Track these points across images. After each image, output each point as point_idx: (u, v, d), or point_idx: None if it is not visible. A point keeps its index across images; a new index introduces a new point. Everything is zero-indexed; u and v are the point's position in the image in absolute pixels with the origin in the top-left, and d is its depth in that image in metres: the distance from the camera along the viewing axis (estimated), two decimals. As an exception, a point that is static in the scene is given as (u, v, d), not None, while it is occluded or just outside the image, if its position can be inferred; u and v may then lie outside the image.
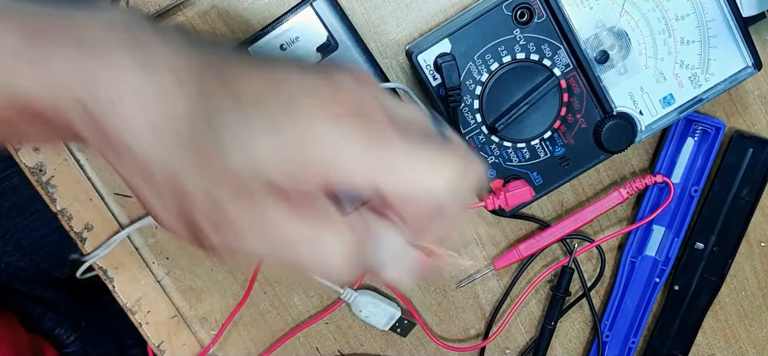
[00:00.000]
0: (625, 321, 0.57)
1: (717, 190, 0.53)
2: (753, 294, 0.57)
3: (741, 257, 0.56)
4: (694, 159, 0.52)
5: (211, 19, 0.47)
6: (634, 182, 0.52)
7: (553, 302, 0.56)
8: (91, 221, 0.51)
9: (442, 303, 0.56)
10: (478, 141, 0.49)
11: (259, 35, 0.46)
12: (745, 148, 0.52)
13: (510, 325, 0.57)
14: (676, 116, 0.48)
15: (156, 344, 0.54)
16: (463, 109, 0.48)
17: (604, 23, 0.46)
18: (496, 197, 0.49)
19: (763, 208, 0.55)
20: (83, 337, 0.78)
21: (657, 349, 0.57)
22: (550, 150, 0.49)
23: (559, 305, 0.55)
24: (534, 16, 0.46)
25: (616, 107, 0.48)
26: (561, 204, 0.54)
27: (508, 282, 0.56)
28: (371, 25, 0.49)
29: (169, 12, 0.47)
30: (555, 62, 0.47)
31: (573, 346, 0.58)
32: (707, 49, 0.47)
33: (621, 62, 0.47)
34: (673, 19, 0.46)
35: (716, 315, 0.57)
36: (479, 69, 0.47)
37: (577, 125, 0.49)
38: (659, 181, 0.52)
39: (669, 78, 0.47)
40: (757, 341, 0.58)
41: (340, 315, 0.55)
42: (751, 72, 0.47)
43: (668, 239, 0.54)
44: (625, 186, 0.52)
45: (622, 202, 0.52)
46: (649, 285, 0.56)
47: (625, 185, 0.52)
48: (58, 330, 0.76)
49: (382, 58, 0.49)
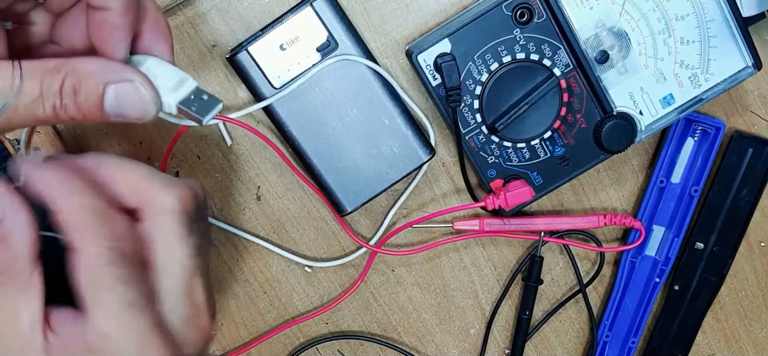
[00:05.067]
0: (625, 321, 0.57)
1: (717, 190, 0.53)
2: (753, 294, 0.57)
3: (741, 257, 0.56)
4: (694, 159, 0.52)
5: (211, 19, 0.47)
6: (615, 217, 0.52)
7: (525, 292, 0.56)
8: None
9: (442, 303, 0.56)
10: (478, 141, 0.49)
11: (258, 35, 0.46)
12: (745, 148, 0.52)
13: (510, 325, 0.57)
14: (676, 116, 0.48)
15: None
16: (463, 109, 0.48)
17: (604, 23, 0.46)
18: (496, 197, 0.50)
19: (763, 208, 0.55)
20: None
21: (657, 349, 0.57)
22: (550, 150, 0.49)
23: (532, 294, 0.55)
24: (534, 16, 0.46)
25: (616, 107, 0.48)
26: (561, 204, 0.54)
27: (508, 281, 0.56)
28: (371, 25, 0.49)
29: (169, 12, 0.47)
30: (555, 62, 0.47)
31: (573, 346, 0.58)
32: (707, 49, 0.47)
33: (621, 62, 0.47)
34: (673, 19, 0.46)
35: (716, 315, 0.58)
36: (479, 69, 0.47)
37: (577, 125, 0.49)
38: (637, 226, 0.52)
39: (669, 78, 0.47)
40: (757, 341, 0.58)
41: (340, 315, 0.55)
42: (751, 72, 0.47)
43: (668, 239, 0.54)
44: (606, 216, 0.53)
45: (596, 227, 0.53)
46: (649, 284, 0.56)
47: (607, 215, 0.53)
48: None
49: (382, 58, 0.49)
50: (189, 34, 0.48)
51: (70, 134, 0.48)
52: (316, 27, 0.46)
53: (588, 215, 0.53)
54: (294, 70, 0.46)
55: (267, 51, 0.46)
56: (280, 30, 0.46)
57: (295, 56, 0.46)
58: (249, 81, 0.47)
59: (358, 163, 0.49)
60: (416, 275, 0.55)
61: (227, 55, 0.47)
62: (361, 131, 0.48)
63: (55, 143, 0.47)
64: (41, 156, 0.32)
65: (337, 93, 0.47)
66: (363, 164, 0.49)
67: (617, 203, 0.55)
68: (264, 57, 0.46)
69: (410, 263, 0.55)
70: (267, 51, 0.46)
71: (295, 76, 0.47)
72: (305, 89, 0.47)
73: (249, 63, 0.46)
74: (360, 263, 0.54)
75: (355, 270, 0.54)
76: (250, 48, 0.46)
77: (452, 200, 0.53)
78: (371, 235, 0.53)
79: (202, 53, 0.48)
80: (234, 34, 0.48)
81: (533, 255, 0.55)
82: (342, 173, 0.49)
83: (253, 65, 0.46)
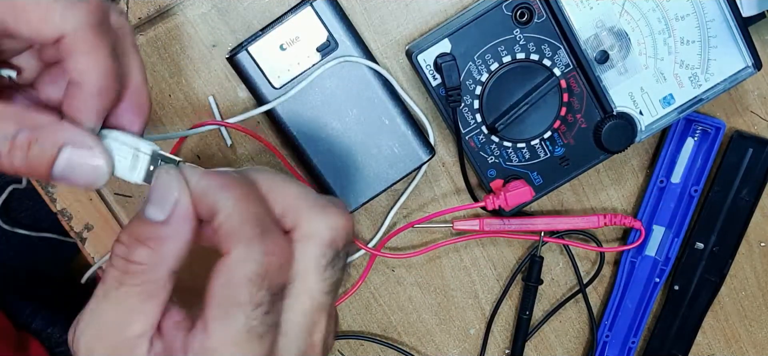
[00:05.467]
0: (625, 321, 0.57)
1: (717, 190, 0.53)
2: (753, 294, 0.57)
3: (741, 257, 0.56)
4: (694, 159, 0.52)
5: (211, 19, 0.47)
6: (615, 217, 0.53)
7: (525, 292, 0.56)
8: (91, 221, 0.51)
9: (442, 303, 0.56)
10: (478, 141, 0.49)
11: (258, 35, 0.46)
12: (745, 148, 0.52)
13: (510, 325, 0.57)
14: (676, 116, 0.48)
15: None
16: (463, 109, 0.48)
17: (604, 23, 0.46)
18: (496, 197, 0.50)
19: (763, 208, 0.55)
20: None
21: (657, 349, 0.57)
22: (550, 150, 0.49)
23: (531, 294, 0.55)
24: (534, 16, 0.46)
25: (616, 107, 0.48)
26: (561, 204, 0.54)
27: (508, 281, 0.56)
28: (371, 25, 0.49)
29: (169, 12, 0.47)
30: (555, 62, 0.47)
31: (573, 346, 0.58)
32: (707, 49, 0.47)
33: (621, 62, 0.47)
34: (673, 19, 0.46)
35: (716, 315, 0.58)
36: (479, 69, 0.47)
37: (577, 125, 0.49)
38: (636, 226, 0.53)
39: (669, 78, 0.47)
40: (757, 341, 0.58)
41: (340, 315, 0.55)
42: (751, 72, 0.47)
43: (668, 239, 0.54)
44: (606, 216, 0.53)
45: (596, 228, 0.53)
46: (649, 284, 0.56)
47: (607, 215, 0.53)
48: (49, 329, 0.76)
49: (382, 58, 0.49)
50: (189, 34, 0.48)
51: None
52: (316, 27, 0.46)
53: (588, 215, 0.53)
54: (294, 70, 0.46)
55: (267, 51, 0.46)
56: (280, 30, 0.46)
57: (296, 56, 0.46)
58: (249, 81, 0.47)
59: (358, 163, 0.49)
60: (416, 275, 0.55)
61: (227, 55, 0.47)
62: (361, 131, 0.48)
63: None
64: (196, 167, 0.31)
65: (337, 93, 0.47)
66: (363, 164, 0.49)
67: (617, 203, 0.55)
68: (264, 57, 0.46)
69: (410, 263, 0.55)
70: (267, 51, 0.46)
71: (296, 76, 0.47)
72: (305, 89, 0.47)
73: (249, 63, 0.46)
74: (360, 263, 0.54)
75: (355, 271, 0.54)
76: (250, 48, 0.46)
77: (452, 200, 0.53)
78: (372, 235, 0.53)
79: (202, 53, 0.48)
80: (234, 35, 0.48)
81: (533, 255, 0.54)
82: (342, 173, 0.49)
83: (253, 65, 0.46)
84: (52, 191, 0.50)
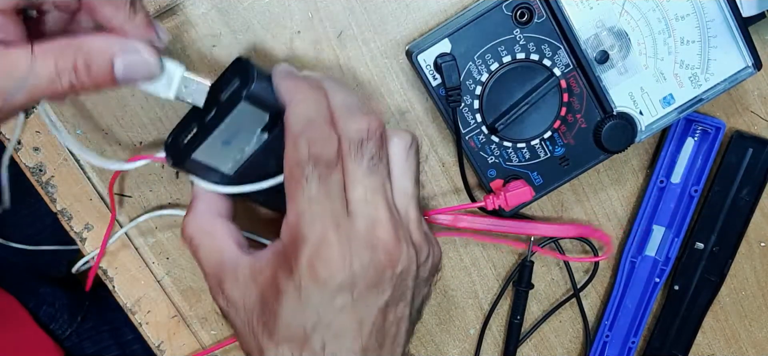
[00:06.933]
0: (625, 321, 0.57)
1: (717, 190, 0.53)
2: (753, 294, 0.57)
3: (741, 257, 0.56)
4: (694, 159, 0.52)
5: (211, 19, 0.47)
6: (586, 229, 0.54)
7: (516, 297, 0.56)
8: (91, 221, 0.51)
9: (442, 303, 0.56)
10: (478, 141, 0.49)
11: (199, 139, 0.41)
12: (745, 148, 0.52)
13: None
14: (676, 116, 0.48)
15: (156, 344, 0.54)
16: (463, 109, 0.48)
17: (604, 23, 0.46)
18: (496, 197, 0.50)
19: (763, 208, 0.55)
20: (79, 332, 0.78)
21: (657, 349, 0.57)
22: (550, 150, 0.49)
23: (522, 299, 0.55)
24: (534, 16, 0.46)
25: (616, 107, 0.48)
26: (561, 204, 0.54)
27: (502, 286, 0.56)
28: (371, 25, 0.49)
29: (169, 12, 0.47)
30: (555, 62, 0.47)
31: (573, 346, 0.58)
32: (707, 49, 0.47)
33: (621, 62, 0.47)
34: (673, 19, 0.46)
35: (716, 315, 0.58)
36: (479, 69, 0.47)
37: (577, 125, 0.49)
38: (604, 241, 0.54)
39: (669, 78, 0.47)
40: (757, 341, 0.58)
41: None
42: (751, 72, 0.47)
43: (668, 239, 0.54)
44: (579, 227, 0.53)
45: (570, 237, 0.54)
46: (649, 284, 0.56)
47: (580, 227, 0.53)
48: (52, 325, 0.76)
49: (383, 58, 0.49)
50: (189, 34, 0.48)
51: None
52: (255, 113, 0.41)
53: (564, 224, 0.53)
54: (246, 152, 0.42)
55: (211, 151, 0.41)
56: (219, 132, 0.40)
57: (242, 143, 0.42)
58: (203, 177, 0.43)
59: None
60: (416, 275, 0.55)
61: (170, 165, 0.42)
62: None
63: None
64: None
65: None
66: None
67: (617, 203, 0.55)
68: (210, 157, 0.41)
69: (410, 263, 0.55)
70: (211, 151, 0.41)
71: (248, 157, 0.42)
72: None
73: (198, 165, 0.42)
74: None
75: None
76: (194, 156, 0.41)
77: (452, 200, 0.53)
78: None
79: (202, 53, 0.48)
80: (234, 35, 0.48)
81: (524, 261, 0.55)
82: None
83: (202, 167, 0.42)
84: (52, 190, 0.50)
